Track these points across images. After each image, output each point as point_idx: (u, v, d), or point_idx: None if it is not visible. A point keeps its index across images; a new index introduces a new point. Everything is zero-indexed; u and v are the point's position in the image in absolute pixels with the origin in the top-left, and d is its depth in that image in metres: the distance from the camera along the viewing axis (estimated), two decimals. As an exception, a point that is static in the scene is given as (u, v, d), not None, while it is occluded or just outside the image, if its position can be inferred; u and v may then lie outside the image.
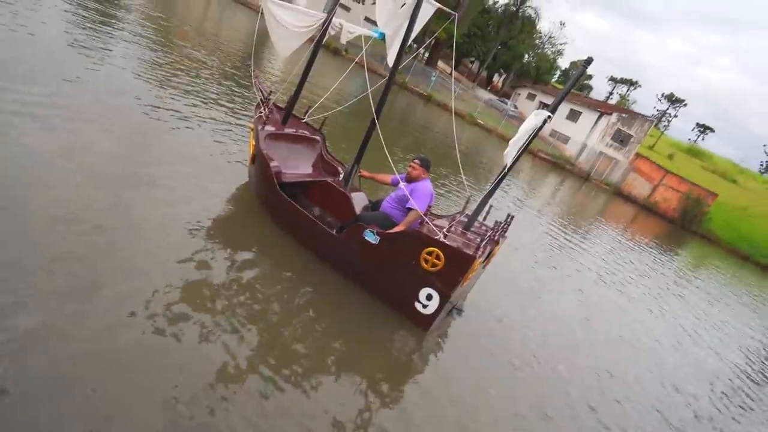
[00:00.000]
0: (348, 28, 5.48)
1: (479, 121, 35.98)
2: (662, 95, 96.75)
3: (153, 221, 4.33)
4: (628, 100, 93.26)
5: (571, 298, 8.24)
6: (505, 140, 28.39)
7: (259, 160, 5.23)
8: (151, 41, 11.43)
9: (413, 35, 4.90)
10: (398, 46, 4.99)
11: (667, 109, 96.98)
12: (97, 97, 6.43)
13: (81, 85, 6.57)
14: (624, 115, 42.82)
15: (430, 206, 4.86)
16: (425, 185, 4.95)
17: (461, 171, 5.84)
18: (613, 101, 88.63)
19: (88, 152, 4.92)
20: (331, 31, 5.45)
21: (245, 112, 9.11)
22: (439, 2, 5.11)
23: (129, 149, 5.59)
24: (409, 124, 20.44)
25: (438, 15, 5.65)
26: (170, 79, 8.83)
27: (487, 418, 3.98)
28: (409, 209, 4.75)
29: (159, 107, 7.08)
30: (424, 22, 5.04)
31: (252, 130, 5.62)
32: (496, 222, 5.09)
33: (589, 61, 4.25)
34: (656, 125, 68.59)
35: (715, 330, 10.64)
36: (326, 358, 3.73)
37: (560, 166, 36.35)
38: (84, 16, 9.96)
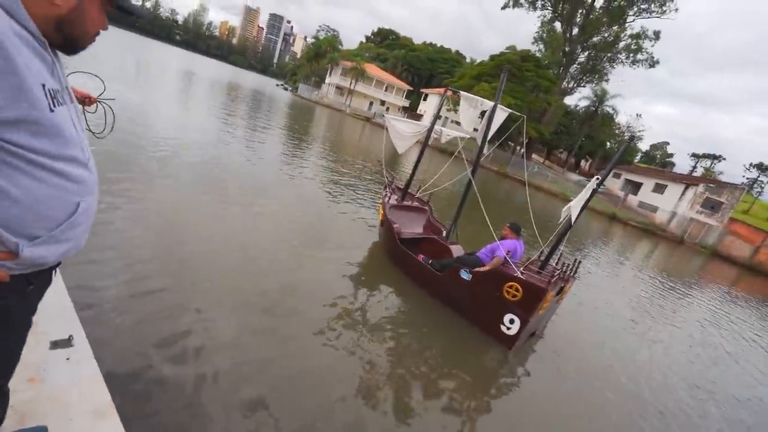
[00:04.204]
0: (446, 132, 5.93)
1: (570, 198, 33.29)
2: (751, 164, 79.10)
3: (318, 265, 5.11)
4: (713, 172, 78.61)
5: (661, 342, 6.69)
6: (593, 211, 25.07)
7: (385, 223, 5.77)
8: (330, 155, 13.61)
9: (491, 133, 5.13)
10: (483, 139, 5.25)
11: (758, 176, 78.96)
12: (300, 193, 8.09)
13: (291, 187, 8.34)
14: (711, 185, 35.99)
15: (512, 256, 4.77)
16: (511, 242, 4.87)
17: (535, 229, 5.69)
18: (697, 174, 75.33)
19: (292, 224, 6.22)
20: (435, 135, 5.92)
21: (377, 192, 10.11)
22: (528, 108, 5.35)
23: (314, 221, 6.78)
24: (512, 204, 19.68)
25: (526, 119, 5.61)
26: (339, 177, 10.44)
27: (555, 416, 3.68)
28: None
29: (334, 192, 8.40)
30: (500, 123, 5.27)
31: (381, 203, 6.25)
32: (564, 264, 4.82)
33: (632, 137, 4.12)
34: (748, 191, 56.35)
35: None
36: (437, 367, 3.82)
37: (651, 232, 30.74)
38: (292, 142, 12.18)
